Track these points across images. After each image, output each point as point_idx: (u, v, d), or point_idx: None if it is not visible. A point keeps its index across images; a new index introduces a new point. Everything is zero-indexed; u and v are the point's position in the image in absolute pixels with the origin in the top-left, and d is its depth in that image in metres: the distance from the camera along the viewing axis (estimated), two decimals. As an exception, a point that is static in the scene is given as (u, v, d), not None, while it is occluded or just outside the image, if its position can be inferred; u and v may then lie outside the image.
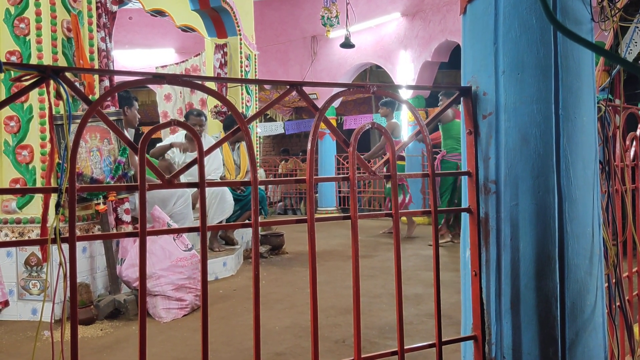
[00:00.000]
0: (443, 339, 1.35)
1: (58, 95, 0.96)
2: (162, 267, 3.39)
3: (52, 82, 0.97)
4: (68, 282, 0.93)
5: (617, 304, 1.81)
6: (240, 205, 5.31)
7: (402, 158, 7.02)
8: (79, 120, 3.05)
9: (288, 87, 1.22)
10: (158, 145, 4.89)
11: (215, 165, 5.04)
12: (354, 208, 1.25)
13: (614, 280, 1.74)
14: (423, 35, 8.53)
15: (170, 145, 4.71)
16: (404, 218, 7.70)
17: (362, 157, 1.30)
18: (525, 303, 1.30)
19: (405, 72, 8.82)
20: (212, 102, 6.37)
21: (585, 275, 1.32)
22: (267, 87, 10.88)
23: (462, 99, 1.43)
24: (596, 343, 1.34)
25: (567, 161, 1.30)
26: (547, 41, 1.29)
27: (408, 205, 6.65)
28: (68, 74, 2.85)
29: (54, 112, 3.06)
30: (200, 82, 1.11)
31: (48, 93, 1.00)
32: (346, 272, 4.62)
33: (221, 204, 4.93)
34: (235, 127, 1.14)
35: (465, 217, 1.46)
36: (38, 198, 3.37)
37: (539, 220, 1.30)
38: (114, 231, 3.64)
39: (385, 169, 6.81)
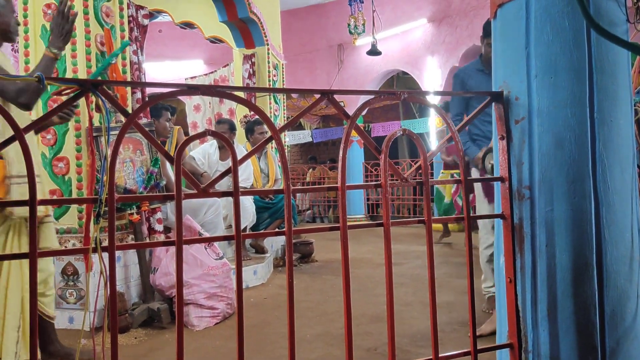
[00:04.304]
0: (478, 347, 1.33)
1: (97, 108, 0.99)
2: (194, 275, 3.43)
3: (90, 95, 1.00)
4: (108, 290, 0.96)
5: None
6: (269, 213, 5.34)
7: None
8: (113, 132, 3.12)
9: (319, 95, 1.23)
10: (188, 158, 4.93)
11: (245, 175, 5.07)
12: (387, 215, 1.24)
13: (654, 287, 1.69)
14: (450, 40, 8.49)
15: (201, 175, 4.72)
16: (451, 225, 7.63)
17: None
18: (562, 310, 1.28)
19: (433, 78, 8.77)
20: (240, 112, 6.44)
21: (625, 282, 1.29)
22: (293, 95, 10.95)
23: (493, 104, 1.42)
24: (639, 352, 1.31)
25: (604, 165, 1.28)
26: (581, 44, 1.27)
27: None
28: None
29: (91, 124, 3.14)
30: (233, 93, 1.13)
31: (87, 106, 1.03)
32: (376, 280, 4.60)
33: (241, 212, 4.94)
34: (268, 136, 1.15)
35: (498, 224, 1.44)
36: (74, 209, 3.46)
37: (575, 226, 1.28)
38: (147, 241, 3.71)
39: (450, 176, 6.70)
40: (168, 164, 3.78)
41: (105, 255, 0.99)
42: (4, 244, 2.15)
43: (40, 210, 2.11)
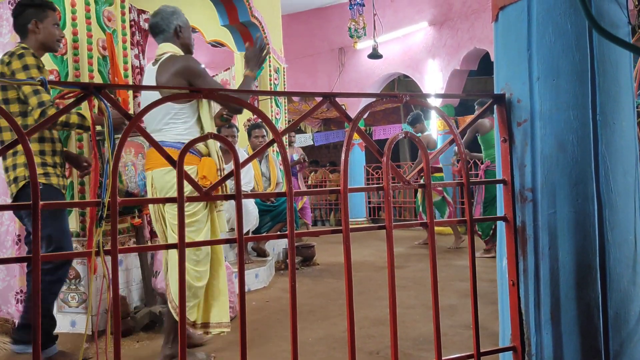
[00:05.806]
0: (481, 350, 1.33)
1: (100, 112, 0.99)
2: (196, 279, 3.42)
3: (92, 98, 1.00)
4: (111, 293, 0.96)
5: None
6: (271, 216, 5.33)
7: (439, 170, 6.79)
8: (116, 135, 3.12)
9: (321, 98, 1.23)
10: None
11: (246, 179, 5.07)
12: (389, 218, 1.24)
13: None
14: (451, 43, 8.49)
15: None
16: (449, 229, 7.60)
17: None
18: (566, 313, 1.28)
19: (434, 81, 8.77)
20: (243, 115, 6.44)
21: (628, 284, 1.28)
22: (295, 98, 10.95)
23: (495, 106, 1.42)
24: (642, 354, 1.30)
25: (607, 167, 1.28)
26: (583, 46, 1.27)
27: (450, 217, 6.57)
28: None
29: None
30: (236, 96, 1.13)
31: (91, 109, 1.03)
32: (378, 283, 4.60)
33: (245, 216, 4.93)
34: (270, 139, 1.15)
35: (501, 226, 1.44)
36: (76, 212, 3.46)
37: (578, 229, 1.27)
38: (149, 244, 3.70)
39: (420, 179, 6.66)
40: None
41: (108, 258, 0.99)
42: (212, 220, 2.70)
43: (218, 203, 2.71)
